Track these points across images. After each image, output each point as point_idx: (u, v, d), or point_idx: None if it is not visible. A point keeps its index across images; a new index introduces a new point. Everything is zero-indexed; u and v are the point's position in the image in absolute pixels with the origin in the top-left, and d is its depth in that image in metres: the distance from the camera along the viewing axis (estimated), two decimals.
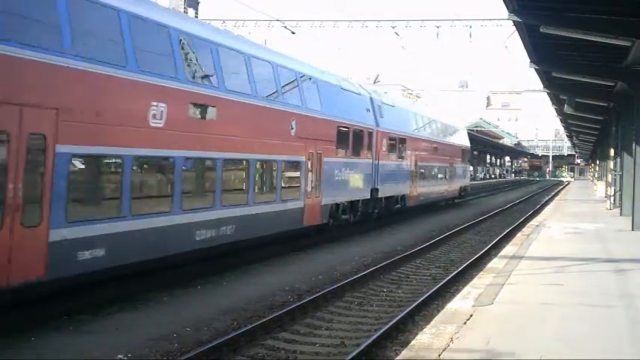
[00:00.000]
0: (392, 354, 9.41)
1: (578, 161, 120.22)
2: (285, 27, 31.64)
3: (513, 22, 17.80)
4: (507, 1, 16.20)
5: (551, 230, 21.40)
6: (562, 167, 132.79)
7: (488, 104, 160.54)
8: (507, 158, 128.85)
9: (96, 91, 11.09)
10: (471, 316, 9.08)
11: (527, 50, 21.31)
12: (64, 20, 10.48)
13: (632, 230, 20.73)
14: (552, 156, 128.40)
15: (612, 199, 32.06)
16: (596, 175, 68.49)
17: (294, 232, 18.88)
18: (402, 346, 9.20)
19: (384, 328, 10.46)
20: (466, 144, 43.99)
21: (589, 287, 11.40)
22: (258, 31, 35.21)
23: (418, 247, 19.86)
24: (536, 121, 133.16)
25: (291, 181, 18.39)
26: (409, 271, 16.69)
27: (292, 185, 18.48)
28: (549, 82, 28.34)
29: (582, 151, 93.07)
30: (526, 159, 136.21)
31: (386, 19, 44.80)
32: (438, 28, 33.21)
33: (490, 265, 14.36)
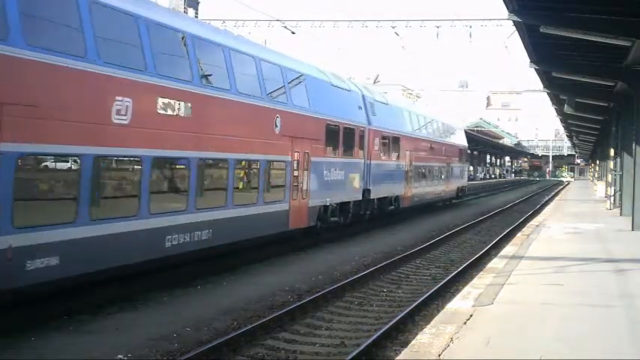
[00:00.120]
0: (392, 354, 9.41)
1: (578, 161, 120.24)
2: (285, 27, 31.65)
3: (513, 22, 17.80)
4: (507, 1, 16.20)
5: (551, 230, 21.40)
6: (562, 167, 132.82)
7: (488, 104, 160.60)
8: (507, 158, 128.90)
9: (48, 83, 10.12)
10: (471, 316, 9.07)
11: (527, 50, 21.31)
12: (10, 2, 9.52)
13: (632, 230, 20.73)
14: (552, 156, 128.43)
15: (612, 199, 32.06)
16: (596, 175, 68.49)
17: (279, 235, 17.97)
18: (402, 346, 9.20)
19: (384, 328, 10.47)
20: (464, 143, 43.47)
21: (589, 287, 11.40)
22: (258, 31, 35.19)
23: (418, 247, 19.87)
24: (536, 121, 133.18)
25: (275, 182, 17.52)
26: (409, 271, 16.69)
27: (276, 186, 17.60)
28: (549, 82, 28.34)
29: (582, 151, 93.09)
30: (526, 159, 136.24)
31: (386, 19, 44.85)
32: (438, 28, 33.27)
33: (490, 265, 14.36)
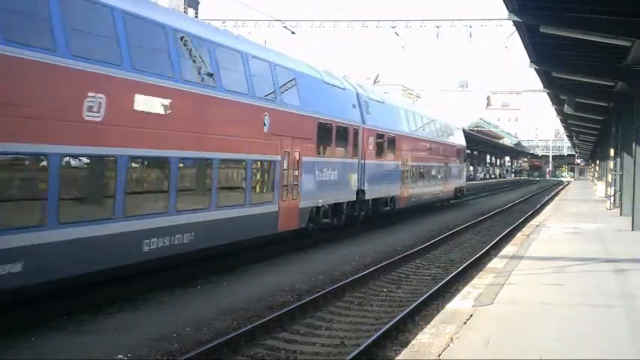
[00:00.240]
0: (392, 354, 9.41)
1: (578, 161, 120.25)
2: (285, 27, 31.66)
3: (513, 22, 17.80)
4: (507, 1, 16.19)
5: (551, 230, 21.40)
6: (562, 167, 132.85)
7: (488, 104, 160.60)
8: (507, 158, 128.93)
9: (12, 78, 9.64)
10: (471, 316, 9.07)
11: (527, 50, 21.31)
12: None
13: (632, 230, 20.73)
14: (552, 156, 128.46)
15: (612, 199, 32.06)
16: (596, 175, 68.49)
17: (268, 238, 17.38)
18: (402, 346, 9.20)
19: (384, 328, 10.46)
20: (462, 143, 42.94)
21: (589, 287, 11.40)
22: (258, 31, 35.05)
23: (418, 247, 19.87)
24: (536, 121, 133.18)
25: (263, 183, 16.95)
26: (409, 271, 16.69)
27: (265, 187, 17.00)
28: (549, 82, 28.34)
29: (582, 151, 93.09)
30: (526, 159, 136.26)
31: (386, 19, 44.91)
32: (438, 28, 33.32)
33: (490, 265, 14.36)
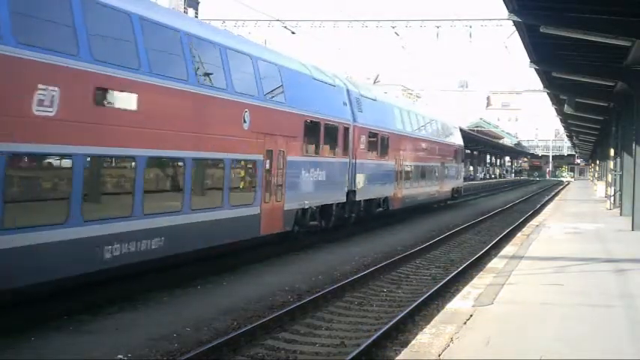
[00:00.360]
0: (392, 354, 9.41)
1: (578, 161, 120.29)
2: (285, 27, 31.69)
3: (513, 22, 17.80)
4: (507, 1, 16.20)
5: (551, 230, 21.40)
6: (562, 167, 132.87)
7: (488, 104, 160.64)
8: (507, 158, 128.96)
9: None
10: (471, 316, 9.07)
11: (527, 50, 21.31)
12: None
13: (632, 230, 20.73)
14: (552, 156, 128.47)
15: (612, 199, 32.07)
16: (596, 175, 68.50)
17: (250, 242, 16.53)
18: (402, 346, 9.20)
19: (384, 328, 10.46)
20: (459, 143, 42.04)
21: (589, 287, 11.40)
22: (258, 31, 35.10)
23: (418, 247, 19.87)
24: (536, 121, 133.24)
25: (243, 184, 16.06)
26: (409, 271, 16.69)
27: (245, 188, 16.06)
28: (549, 82, 28.34)
29: (582, 151, 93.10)
30: (526, 159, 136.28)
31: (386, 19, 45.04)
32: (438, 28, 33.39)
33: (490, 265, 14.36)
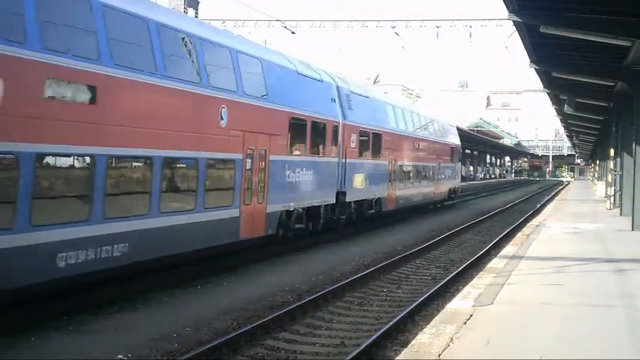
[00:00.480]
0: (392, 354, 9.41)
1: (578, 161, 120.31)
2: (285, 27, 31.69)
3: (513, 22, 17.81)
4: (507, 1, 16.21)
5: (551, 230, 21.41)
6: (562, 167, 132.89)
7: (488, 104, 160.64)
8: (507, 158, 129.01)
9: None
10: (471, 316, 9.08)
11: (527, 50, 21.32)
12: None
13: (632, 230, 20.74)
14: (552, 156, 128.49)
15: (612, 199, 32.07)
16: (596, 175, 68.52)
17: (229, 246, 15.59)
18: (402, 346, 9.20)
19: (384, 328, 10.46)
20: (456, 142, 41.10)
21: (589, 287, 11.41)
22: (258, 31, 35.09)
23: (418, 247, 19.87)
24: (536, 121, 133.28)
25: (220, 184, 15.11)
26: (409, 271, 16.69)
27: (222, 189, 15.11)
28: (549, 82, 28.35)
29: (582, 151, 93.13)
30: (526, 159, 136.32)
31: (386, 19, 45.06)
32: (438, 28, 33.37)
33: (490, 265, 14.36)
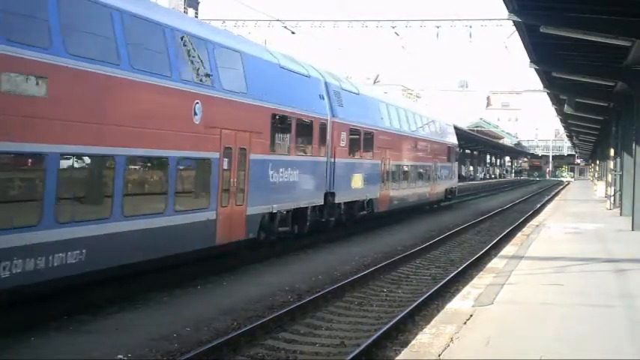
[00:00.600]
0: (392, 354, 9.41)
1: (578, 161, 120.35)
2: (285, 27, 31.69)
3: (513, 22, 17.81)
4: (507, 1, 16.21)
5: (551, 230, 21.40)
6: (562, 167, 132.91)
7: (488, 104, 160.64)
8: (507, 158, 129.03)
9: None
10: (470, 316, 9.08)
11: (527, 50, 21.32)
12: None
13: (632, 230, 20.74)
14: (552, 156, 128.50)
15: (612, 199, 32.07)
16: (596, 175, 68.52)
17: (204, 252, 14.55)
18: (402, 346, 9.20)
19: (384, 328, 10.47)
20: (453, 141, 40.30)
21: (589, 287, 11.40)
22: (258, 31, 35.12)
23: (418, 247, 19.87)
24: (536, 121, 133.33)
25: (194, 185, 14.32)
26: (409, 271, 16.69)
27: (197, 190, 14.30)
28: (549, 82, 28.36)
29: (582, 151, 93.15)
30: (526, 159, 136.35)
31: (386, 19, 44.96)
32: (438, 28, 33.39)
33: (490, 265, 14.36)
